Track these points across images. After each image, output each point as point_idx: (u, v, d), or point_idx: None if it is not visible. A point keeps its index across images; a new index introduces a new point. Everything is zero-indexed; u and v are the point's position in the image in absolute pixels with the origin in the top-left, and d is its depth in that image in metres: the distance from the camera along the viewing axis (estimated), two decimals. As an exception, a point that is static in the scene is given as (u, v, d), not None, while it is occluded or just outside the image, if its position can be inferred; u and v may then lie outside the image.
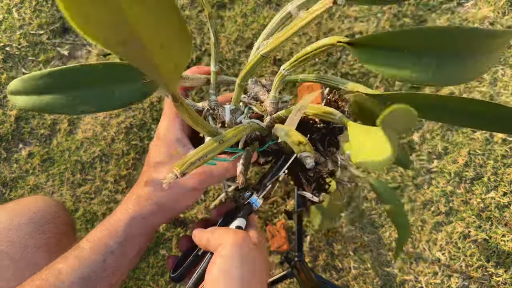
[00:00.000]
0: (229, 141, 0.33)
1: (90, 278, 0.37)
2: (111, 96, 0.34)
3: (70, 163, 0.92)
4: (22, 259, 0.46)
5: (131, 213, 0.39)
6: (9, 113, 0.93)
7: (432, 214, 0.87)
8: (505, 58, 0.91)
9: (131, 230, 0.38)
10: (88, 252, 0.37)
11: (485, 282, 0.83)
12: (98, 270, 0.37)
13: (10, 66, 0.96)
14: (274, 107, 0.40)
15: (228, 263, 0.33)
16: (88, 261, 0.37)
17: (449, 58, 0.25)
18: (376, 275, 0.85)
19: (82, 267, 0.37)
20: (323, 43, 0.31)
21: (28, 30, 0.97)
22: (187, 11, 0.98)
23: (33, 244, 0.48)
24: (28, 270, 0.44)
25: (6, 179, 0.91)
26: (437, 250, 0.85)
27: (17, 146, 0.93)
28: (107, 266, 0.37)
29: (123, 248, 0.38)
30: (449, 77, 0.25)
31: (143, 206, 0.39)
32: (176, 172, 0.29)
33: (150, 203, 0.39)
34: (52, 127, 0.94)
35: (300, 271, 0.74)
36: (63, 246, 0.51)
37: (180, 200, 0.40)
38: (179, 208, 0.41)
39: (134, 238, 0.39)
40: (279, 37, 0.33)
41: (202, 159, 0.31)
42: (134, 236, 0.39)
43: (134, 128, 0.93)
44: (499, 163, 0.87)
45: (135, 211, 0.39)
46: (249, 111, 0.42)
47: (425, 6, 0.95)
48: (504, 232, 0.84)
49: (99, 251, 0.37)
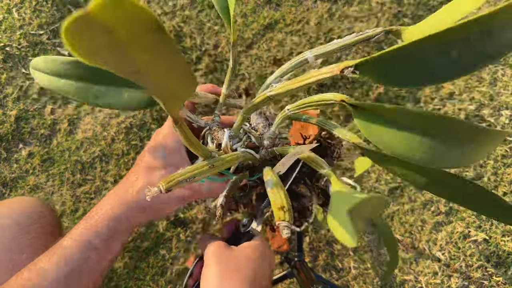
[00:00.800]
0: (220, 167, 0.34)
1: (74, 275, 0.38)
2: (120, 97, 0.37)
3: (70, 163, 0.92)
4: (7, 261, 0.46)
5: (116, 213, 0.39)
6: (9, 113, 0.93)
7: (432, 214, 0.87)
8: (505, 58, 0.91)
9: (115, 229, 0.39)
10: (71, 250, 0.38)
11: (485, 282, 0.83)
12: (82, 267, 0.38)
13: (10, 66, 0.96)
14: (271, 141, 0.41)
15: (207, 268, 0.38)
16: (71, 259, 0.38)
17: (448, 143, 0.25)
18: (376, 275, 0.85)
19: (66, 265, 0.38)
20: (328, 97, 0.32)
21: (28, 30, 0.97)
22: (187, 11, 0.98)
23: (17, 246, 0.47)
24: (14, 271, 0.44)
25: (6, 179, 0.91)
26: (437, 250, 0.85)
27: (17, 146, 0.93)
28: (90, 262, 0.38)
29: (106, 246, 0.39)
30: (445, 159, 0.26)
31: (129, 207, 0.40)
32: (162, 187, 0.30)
33: (137, 205, 0.40)
34: (52, 127, 0.94)
35: (300, 271, 0.74)
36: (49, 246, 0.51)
37: (165, 207, 0.41)
38: (162, 213, 0.42)
39: (117, 236, 0.40)
40: (288, 85, 0.33)
41: (190, 179, 0.31)
42: (117, 234, 0.40)
43: (134, 128, 0.93)
44: (499, 163, 0.87)
45: (120, 210, 0.40)
46: (247, 139, 0.43)
47: (425, 6, 0.95)
48: (504, 232, 0.84)
49: (83, 248, 0.38)
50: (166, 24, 0.97)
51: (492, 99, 0.90)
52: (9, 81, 0.95)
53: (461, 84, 0.92)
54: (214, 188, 0.42)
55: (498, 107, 0.90)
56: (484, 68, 0.91)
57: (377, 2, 0.95)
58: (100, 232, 0.39)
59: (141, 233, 0.88)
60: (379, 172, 0.89)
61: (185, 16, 0.98)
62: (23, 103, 0.94)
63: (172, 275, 0.87)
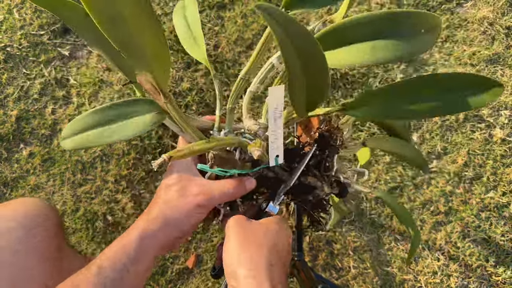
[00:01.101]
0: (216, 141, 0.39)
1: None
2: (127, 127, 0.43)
3: (70, 163, 0.92)
4: (13, 264, 0.46)
5: (141, 231, 0.42)
6: (10, 113, 0.94)
7: (431, 214, 0.87)
8: (504, 58, 0.91)
9: (142, 247, 0.41)
10: (108, 270, 0.40)
11: (484, 282, 0.83)
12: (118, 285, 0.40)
13: (11, 66, 0.96)
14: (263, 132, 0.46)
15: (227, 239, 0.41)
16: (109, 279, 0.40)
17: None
18: (375, 275, 0.85)
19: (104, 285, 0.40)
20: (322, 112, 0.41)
21: (29, 31, 0.98)
22: (188, 12, 0.98)
23: (23, 249, 0.48)
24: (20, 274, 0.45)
25: (7, 179, 0.91)
26: (437, 249, 0.85)
27: (18, 146, 0.93)
28: (124, 283, 0.40)
29: (136, 265, 0.41)
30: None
31: (152, 223, 0.42)
32: (165, 157, 0.33)
33: (159, 221, 0.42)
34: (53, 127, 0.94)
35: (300, 270, 0.74)
36: (53, 248, 0.52)
37: (186, 217, 0.43)
38: (186, 225, 0.43)
39: (146, 254, 0.41)
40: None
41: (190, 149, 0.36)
42: (145, 252, 0.41)
43: (135, 128, 0.94)
44: (498, 163, 0.87)
45: (145, 229, 0.42)
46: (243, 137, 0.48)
47: (424, 6, 0.95)
48: (503, 232, 0.84)
49: (117, 268, 0.40)
50: (166, 25, 0.97)
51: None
52: (10, 81, 0.96)
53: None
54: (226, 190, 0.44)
55: (497, 107, 0.90)
56: (484, 68, 0.91)
57: (377, 3, 0.95)
58: (129, 252, 0.41)
59: (142, 232, 0.88)
60: (378, 172, 0.89)
61: (185, 17, 0.98)
62: (24, 103, 0.95)
63: (173, 274, 0.87)
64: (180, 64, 0.96)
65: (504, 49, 0.91)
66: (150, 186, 0.91)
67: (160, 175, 0.92)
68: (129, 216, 0.89)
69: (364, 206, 0.88)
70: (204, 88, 0.95)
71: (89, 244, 0.88)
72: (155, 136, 0.92)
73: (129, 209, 0.89)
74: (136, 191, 0.91)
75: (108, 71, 0.97)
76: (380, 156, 0.90)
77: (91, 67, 0.96)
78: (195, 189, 0.43)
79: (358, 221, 0.88)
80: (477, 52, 0.92)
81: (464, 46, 0.93)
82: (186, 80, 0.95)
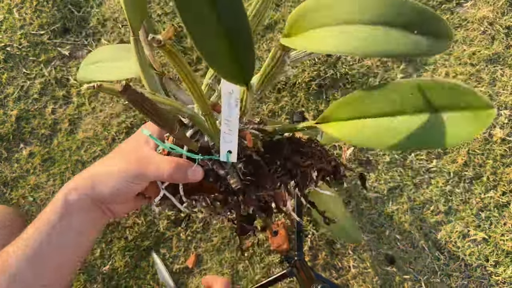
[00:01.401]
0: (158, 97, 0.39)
1: (37, 257, 0.38)
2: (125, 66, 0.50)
3: (70, 163, 0.92)
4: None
5: (67, 188, 0.40)
6: (10, 113, 0.94)
7: (431, 213, 0.87)
8: (504, 58, 0.91)
9: (68, 205, 0.39)
10: (33, 231, 0.39)
11: (484, 282, 0.83)
12: (44, 248, 0.38)
13: (11, 66, 0.96)
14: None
15: None
16: (33, 240, 0.38)
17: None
18: (375, 274, 0.85)
19: (29, 247, 0.38)
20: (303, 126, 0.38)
21: (29, 30, 0.98)
22: (187, 11, 0.98)
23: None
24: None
25: (7, 178, 0.91)
26: (436, 249, 0.85)
27: (18, 145, 0.93)
28: (52, 241, 0.38)
29: (65, 223, 0.39)
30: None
31: (78, 182, 0.40)
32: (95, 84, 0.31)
33: (85, 177, 0.40)
34: (53, 127, 0.94)
35: (300, 270, 0.74)
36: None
37: (113, 179, 0.39)
38: (111, 188, 0.39)
39: (74, 213, 0.39)
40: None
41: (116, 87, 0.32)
42: (73, 211, 0.39)
43: (135, 128, 0.94)
44: (498, 162, 0.87)
45: (70, 186, 0.40)
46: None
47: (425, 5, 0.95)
48: (503, 232, 0.84)
49: (44, 228, 0.38)
50: (166, 25, 0.97)
51: (491, 98, 0.91)
52: (10, 81, 0.96)
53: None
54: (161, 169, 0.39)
55: (497, 106, 0.90)
56: (484, 68, 0.91)
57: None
58: (55, 210, 0.39)
59: (142, 232, 0.88)
60: (378, 172, 0.89)
61: (185, 16, 0.98)
62: (24, 103, 0.95)
63: (173, 274, 0.87)
64: (180, 63, 0.96)
65: (504, 48, 0.91)
66: (150, 186, 0.91)
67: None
68: (129, 215, 0.89)
69: (364, 206, 0.88)
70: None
71: (89, 243, 0.88)
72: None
73: (129, 208, 0.90)
74: (136, 190, 0.91)
75: (108, 71, 0.97)
76: (380, 156, 0.90)
77: (91, 67, 0.97)
78: (134, 156, 0.40)
79: (358, 221, 0.88)
80: (477, 51, 0.92)
81: (464, 45, 0.93)
82: (186, 80, 0.95)
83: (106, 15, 0.99)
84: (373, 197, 0.88)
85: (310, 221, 0.88)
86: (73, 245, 0.40)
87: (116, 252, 0.88)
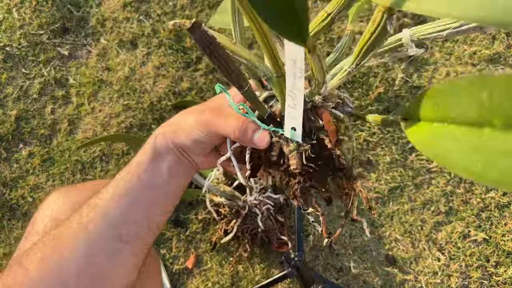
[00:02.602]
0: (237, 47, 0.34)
1: (128, 195, 0.39)
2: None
3: (70, 163, 0.92)
4: None
5: (156, 133, 0.41)
6: (10, 113, 0.93)
7: (432, 213, 0.87)
8: (505, 57, 0.91)
9: (156, 147, 0.40)
10: (124, 174, 0.40)
11: (485, 282, 0.83)
12: (135, 187, 0.39)
13: (10, 66, 0.96)
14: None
15: None
16: (124, 180, 0.40)
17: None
18: (376, 275, 0.85)
19: (120, 186, 0.39)
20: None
21: (28, 30, 0.98)
22: (187, 11, 0.98)
23: None
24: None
25: (6, 179, 0.91)
26: (437, 249, 0.85)
27: (18, 146, 0.93)
28: (142, 181, 0.39)
29: (154, 164, 0.40)
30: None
31: (165, 127, 0.41)
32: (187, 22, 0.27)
33: (170, 123, 0.41)
34: (52, 127, 0.94)
35: (300, 270, 0.74)
36: None
37: (190, 128, 0.39)
38: (188, 136, 0.39)
39: (162, 155, 0.40)
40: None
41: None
42: (161, 153, 0.40)
43: (134, 128, 0.93)
44: (499, 162, 0.87)
45: (159, 131, 0.41)
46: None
47: (425, 6, 0.95)
48: (504, 232, 0.84)
49: (134, 170, 0.40)
50: (166, 24, 0.97)
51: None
52: (9, 81, 0.95)
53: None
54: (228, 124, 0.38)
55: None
56: (484, 68, 0.91)
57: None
58: (144, 152, 0.41)
59: (141, 233, 0.88)
60: (379, 173, 0.89)
61: (185, 16, 0.98)
62: (23, 103, 0.94)
63: (173, 274, 0.87)
64: (179, 63, 0.95)
65: (504, 48, 0.91)
66: (149, 186, 0.91)
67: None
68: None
69: (364, 206, 0.88)
70: (204, 87, 0.94)
71: (89, 244, 0.88)
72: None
73: (128, 209, 0.89)
74: (135, 191, 0.91)
75: (108, 71, 0.96)
76: (380, 156, 0.89)
77: (90, 67, 0.96)
78: (210, 107, 0.40)
79: (359, 221, 0.87)
80: (478, 51, 0.91)
81: (464, 45, 0.93)
82: (186, 80, 0.94)
83: (105, 15, 0.99)
84: (374, 198, 0.88)
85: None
86: (162, 186, 0.41)
87: (116, 253, 0.87)
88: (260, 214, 0.77)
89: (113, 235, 0.38)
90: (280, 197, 0.81)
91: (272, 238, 0.82)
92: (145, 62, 0.96)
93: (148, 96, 0.94)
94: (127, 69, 0.95)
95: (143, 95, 0.94)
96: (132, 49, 0.97)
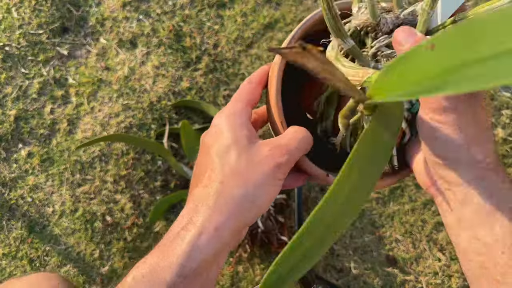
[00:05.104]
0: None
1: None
2: None
3: (69, 163, 0.91)
4: None
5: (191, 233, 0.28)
6: (9, 113, 0.93)
7: (432, 214, 0.86)
8: (506, 57, 0.91)
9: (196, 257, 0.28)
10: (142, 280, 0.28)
11: (485, 282, 0.82)
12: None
13: (10, 65, 0.96)
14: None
15: None
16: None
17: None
18: (376, 275, 0.84)
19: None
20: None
21: (27, 30, 0.97)
22: (187, 11, 0.98)
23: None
24: None
25: (5, 179, 0.91)
26: (438, 250, 0.85)
27: (17, 146, 0.93)
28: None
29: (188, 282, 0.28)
30: None
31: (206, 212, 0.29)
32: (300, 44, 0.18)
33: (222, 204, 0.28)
34: (52, 127, 0.94)
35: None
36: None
37: (261, 189, 0.29)
38: (261, 200, 0.29)
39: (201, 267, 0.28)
40: None
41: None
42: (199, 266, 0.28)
43: (134, 128, 0.93)
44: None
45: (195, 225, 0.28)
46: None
47: (425, 5, 0.95)
48: (505, 232, 0.84)
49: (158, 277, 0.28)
50: (166, 24, 0.96)
51: (492, 98, 0.90)
52: (8, 80, 0.95)
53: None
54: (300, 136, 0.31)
55: (498, 106, 0.90)
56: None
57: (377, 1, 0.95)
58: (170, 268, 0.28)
59: (141, 233, 0.88)
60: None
61: (184, 16, 0.98)
62: (23, 102, 0.94)
63: (172, 275, 0.86)
64: (179, 63, 0.95)
65: None
66: (149, 186, 0.91)
67: (160, 175, 0.91)
68: (128, 216, 0.89)
69: (365, 206, 0.87)
70: (203, 87, 0.94)
71: (88, 244, 0.88)
72: (153, 135, 0.92)
73: (128, 209, 0.89)
74: (135, 191, 0.90)
75: (107, 70, 0.96)
76: (381, 156, 0.89)
77: (90, 67, 0.96)
78: (264, 147, 0.30)
79: (359, 222, 0.87)
80: (479, 51, 0.91)
81: (465, 45, 0.92)
82: (186, 80, 0.94)
83: (105, 15, 0.99)
84: (374, 198, 0.88)
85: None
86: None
87: (115, 253, 0.87)
88: None
89: None
90: (280, 197, 0.81)
91: (272, 239, 0.82)
92: (145, 62, 0.96)
93: (148, 96, 0.93)
94: (127, 68, 0.95)
95: (142, 94, 0.94)
96: (132, 48, 0.97)
